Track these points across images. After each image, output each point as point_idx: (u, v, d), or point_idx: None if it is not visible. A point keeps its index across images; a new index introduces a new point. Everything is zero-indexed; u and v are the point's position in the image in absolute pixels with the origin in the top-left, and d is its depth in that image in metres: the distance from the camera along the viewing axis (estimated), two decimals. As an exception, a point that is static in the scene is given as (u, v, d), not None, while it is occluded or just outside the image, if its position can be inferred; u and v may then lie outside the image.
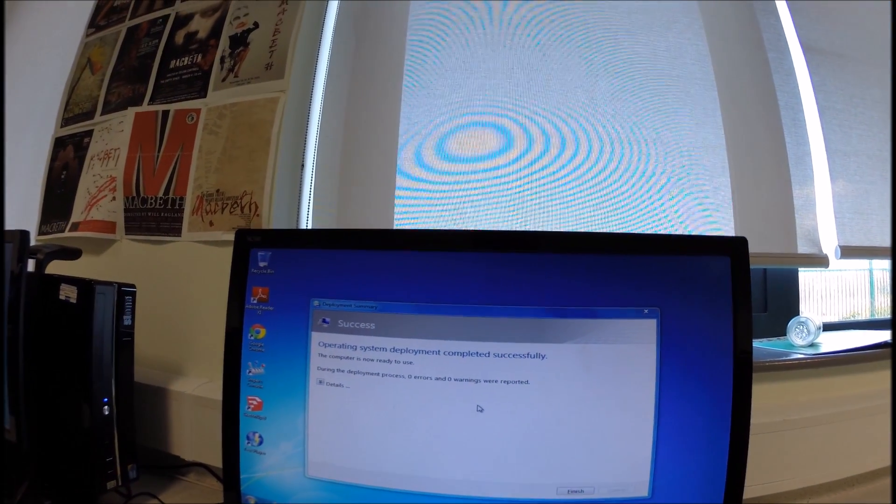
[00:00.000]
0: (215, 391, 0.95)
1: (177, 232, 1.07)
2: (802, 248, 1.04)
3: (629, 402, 0.57)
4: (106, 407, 0.84)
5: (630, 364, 0.57)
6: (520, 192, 1.02)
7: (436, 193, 1.03)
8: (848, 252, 1.06)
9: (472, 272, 0.59)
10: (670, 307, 0.58)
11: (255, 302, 0.66)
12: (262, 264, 0.66)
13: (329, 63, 1.09)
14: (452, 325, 0.58)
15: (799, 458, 0.84)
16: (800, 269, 1.24)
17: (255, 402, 0.65)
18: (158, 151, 1.15)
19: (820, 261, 1.05)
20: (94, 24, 1.47)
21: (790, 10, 1.14)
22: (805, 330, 1.05)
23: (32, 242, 0.86)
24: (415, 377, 0.58)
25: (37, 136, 1.45)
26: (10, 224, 0.82)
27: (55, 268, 0.89)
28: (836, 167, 1.09)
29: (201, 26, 1.19)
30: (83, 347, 0.83)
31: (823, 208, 1.08)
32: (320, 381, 0.62)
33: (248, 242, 0.67)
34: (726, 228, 1.02)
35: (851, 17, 1.20)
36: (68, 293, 0.86)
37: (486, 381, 0.57)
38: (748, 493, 0.75)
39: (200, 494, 0.91)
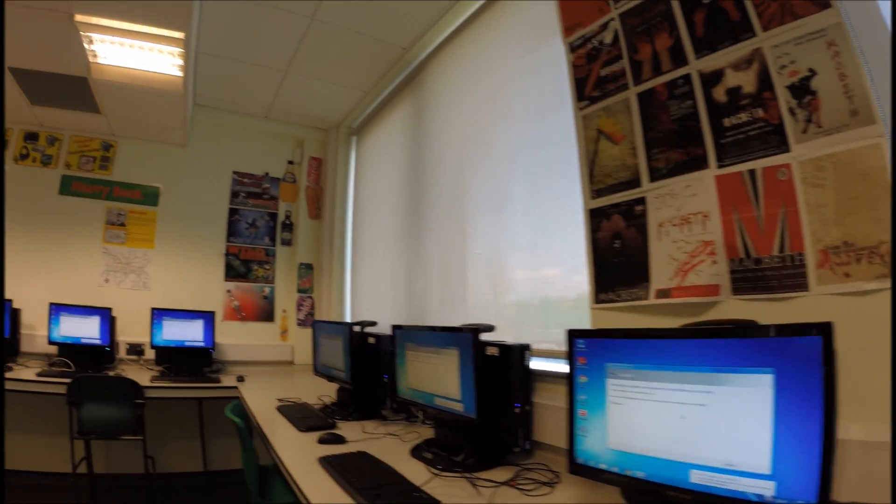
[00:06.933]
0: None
1: (803, 287, 1.06)
2: None
3: (756, 420, 1.10)
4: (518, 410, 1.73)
5: (757, 400, 1.07)
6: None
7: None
8: None
9: (674, 348, 1.21)
10: (783, 368, 1.01)
11: (580, 364, 1.43)
12: (580, 346, 1.43)
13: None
14: (669, 375, 1.20)
15: None
16: None
17: (583, 412, 1.40)
18: (758, 210, 1.11)
19: None
20: (585, 97, 1.49)
21: None
22: None
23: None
24: (655, 400, 1.23)
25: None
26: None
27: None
28: None
29: (743, 80, 1.12)
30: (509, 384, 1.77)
31: None
32: (612, 402, 1.34)
33: (572, 333, 1.45)
34: None
35: None
36: (492, 352, 1.81)
37: (685, 403, 1.18)
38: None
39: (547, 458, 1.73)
